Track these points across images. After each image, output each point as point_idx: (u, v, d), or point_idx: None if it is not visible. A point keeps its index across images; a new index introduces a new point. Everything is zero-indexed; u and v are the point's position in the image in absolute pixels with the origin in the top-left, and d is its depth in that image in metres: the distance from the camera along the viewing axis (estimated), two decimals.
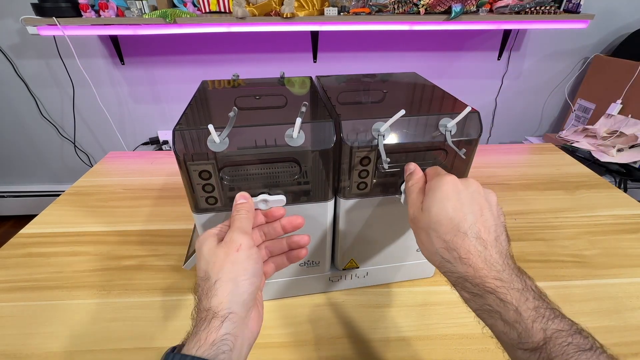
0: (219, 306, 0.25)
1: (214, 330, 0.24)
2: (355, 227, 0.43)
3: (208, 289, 0.26)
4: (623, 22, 1.47)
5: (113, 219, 0.65)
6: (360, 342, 0.43)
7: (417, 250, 0.48)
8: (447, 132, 0.37)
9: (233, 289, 0.26)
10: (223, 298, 0.25)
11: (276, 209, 0.35)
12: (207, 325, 0.24)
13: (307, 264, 0.45)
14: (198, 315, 0.26)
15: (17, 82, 1.46)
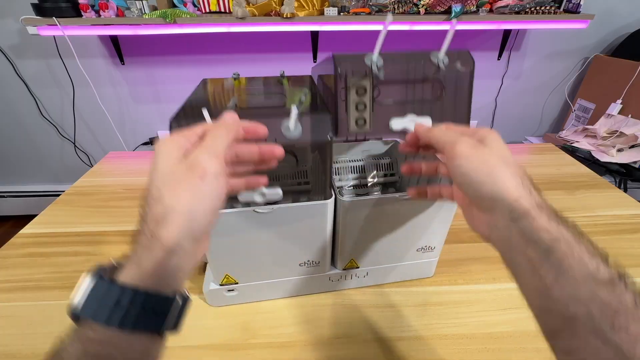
0: (168, 239, 0.22)
1: (159, 264, 0.21)
2: (355, 227, 0.43)
3: (160, 215, 0.22)
4: (623, 22, 1.47)
5: (113, 219, 0.65)
6: (360, 342, 0.43)
7: (418, 250, 0.48)
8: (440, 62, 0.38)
9: (187, 224, 0.22)
10: (174, 232, 0.22)
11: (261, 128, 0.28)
12: (151, 255, 0.21)
13: (307, 264, 0.45)
14: (142, 237, 0.22)
15: (17, 82, 1.46)
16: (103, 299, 0.21)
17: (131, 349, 0.21)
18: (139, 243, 0.22)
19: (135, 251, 0.22)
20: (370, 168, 0.59)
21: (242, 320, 0.46)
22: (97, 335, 0.20)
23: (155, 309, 0.22)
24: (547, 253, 0.22)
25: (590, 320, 0.20)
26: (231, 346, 0.43)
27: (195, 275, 0.52)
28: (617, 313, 0.19)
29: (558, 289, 0.21)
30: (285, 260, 0.44)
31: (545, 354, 0.42)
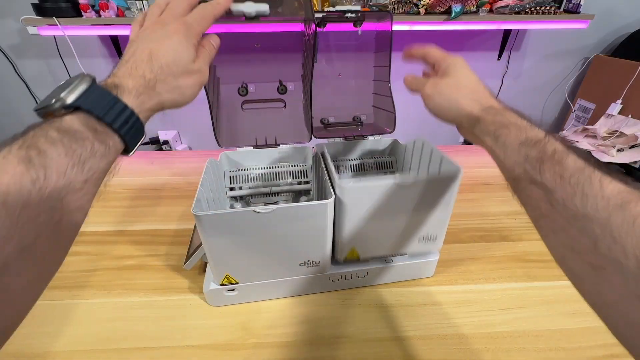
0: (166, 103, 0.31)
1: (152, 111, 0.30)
2: (355, 215, 0.42)
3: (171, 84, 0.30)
4: (623, 22, 1.47)
5: (113, 219, 0.65)
6: (360, 342, 0.43)
7: (419, 240, 0.47)
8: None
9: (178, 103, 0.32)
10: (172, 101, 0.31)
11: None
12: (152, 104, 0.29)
13: (308, 264, 0.45)
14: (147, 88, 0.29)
15: (17, 82, 1.46)
16: (108, 104, 0.26)
17: (114, 149, 0.26)
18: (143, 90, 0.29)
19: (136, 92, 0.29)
20: (370, 167, 0.59)
21: (242, 320, 0.46)
22: (101, 128, 0.25)
23: (139, 136, 0.28)
24: (495, 138, 0.30)
25: (526, 174, 0.27)
26: (231, 346, 0.43)
27: (195, 275, 0.52)
28: (542, 162, 0.26)
29: (507, 160, 0.29)
30: (285, 260, 0.44)
31: (546, 354, 0.42)
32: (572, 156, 0.25)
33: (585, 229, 0.22)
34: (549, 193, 0.25)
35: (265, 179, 0.57)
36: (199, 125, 1.66)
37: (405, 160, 0.56)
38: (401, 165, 0.58)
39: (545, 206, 0.25)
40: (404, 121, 1.72)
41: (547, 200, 0.25)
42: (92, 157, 0.24)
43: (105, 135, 0.25)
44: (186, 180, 0.78)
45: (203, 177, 0.44)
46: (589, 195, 0.22)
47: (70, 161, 0.23)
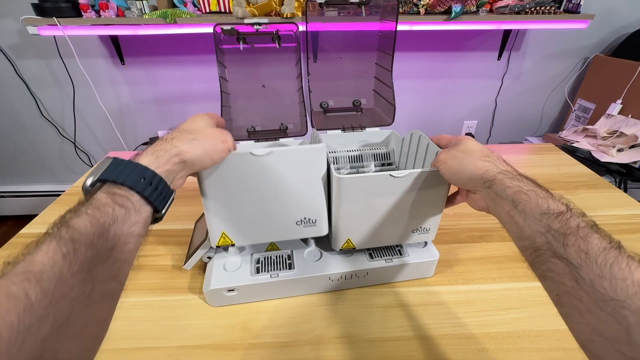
0: (185, 152, 0.31)
1: (171, 163, 0.30)
2: (351, 206, 0.43)
3: (186, 138, 0.32)
4: (623, 22, 1.47)
5: None
6: (360, 342, 0.43)
7: (413, 231, 0.48)
8: None
9: (200, 155, 0.32)
10: (191, 151, 0.32)
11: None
12: (169, 157, 0.30)
13: (304, 223, 0.45)
14: (163, 144, 0.31)
15: (17, 82, 1.46)
16: (129, 170, 0.28)
17: (140, 211, 0.27)
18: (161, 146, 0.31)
19: (153, 150, 0.30)
20: (367, 158, 0.59)
21: (242, 320, 0.46)
22: (123, 192, 0.27)
23: (162, 192, 0.29)
24: (515, 203, 0.30)
25: (549, 245, 0.26)
26: (231, 346, 0.43)
27: (195, 275, 0.52)
28: (565, 235, 0.25)
29: (527, 228, 0.28)
30: (282, 216, 0.45)
31: (546, 354, 0.42)
32: (597, 234, 0.24)
33: (616, 315, 0.20)
34: (575, 269, 0.23)
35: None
36: None
37: (402, 152, 0.57)
38: (398, 157, 0.59)
39: (569, 283, 0.24)
40: (408, 120, 1.72)
41: (572, 277, 0.24)
42: (115, 223, 0.25)
43: (124, 197, 0.27)
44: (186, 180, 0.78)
45: None
46: (617, 279, 0.21)
47: (95, 231, 0.24)
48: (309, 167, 0.41)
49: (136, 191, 0.27)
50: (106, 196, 0.26)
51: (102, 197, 0.26)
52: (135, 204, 0.27)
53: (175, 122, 1.67)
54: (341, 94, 0.64)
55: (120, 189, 0.27)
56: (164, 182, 0.29)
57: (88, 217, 0.24)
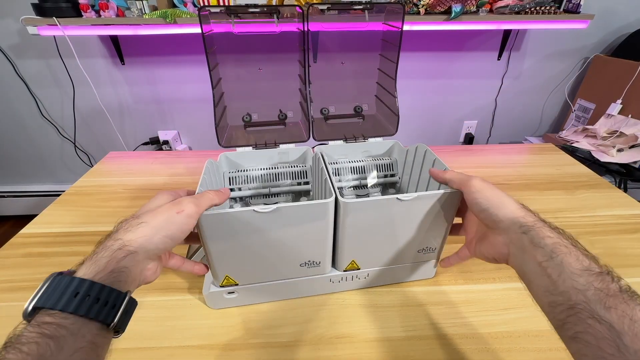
0: (130, 242, 0.27)
1: (114, 261, 0.26)
2: (356, 228, 0.42)
3: (131, 225, 0.29)
4: (623, 22, 1.47)
5: (113, 219, 0.65)
6: (360, 342, 0.43)
7: (418, 251, 0.47)
8: None
9: (150, 237, 0.28)
10: (137, 238, 0.28)
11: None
12: (110, 255, 0.26)
13: (308, 265, 0.45)
14: (102, 244, 0.28)
15: (17, 82, 1.46)
16: (60, 290, 0.24)
17: (80, 334, 0.23)
18: (100, 246, 0.27)
19: (93, 253, 0.27)
20: (370, 168, 0.59)
21: (242, 320, 0.46)
22: (52, 319, 0.23)
23: (107, 301, 0.25)
24: (551, 254, 0.28)
25: (587, 305, 0.24)
26: (231, 346, 0.43)
27: (195, 275, 0.52)
28: (607, 297, 0.23)
29: (561, 283, 0.26)
30: (286, 261, 0.44)
31: (546, 354, 0.42)
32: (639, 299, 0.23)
33: None
34: (616, 335, 0.22)
35: (264, 180, 0.57)
36: (199, 125, 1.66)
37: (407, 165, 0.56)
38: (402, 168, 0.58)
39: (609, 349, 0.22)
40: (407, 121, 1.72)
41: (613, 343, 0.22)
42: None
43: (54, 325, 0.22)
44: (186, 181, 0.78)
45: (202, 177, 0.44)
46: None
47: None
48: (314, 220, 0.40)
49: (69, 312, 0.23)
50: (32, 330, 0.22)
51: (27, 333, 0.22)
52: (71, 328, 0.23)
53: (175, 122, 1.68)
54: (342, 99, 0.63)
55: (51, 315, 0.23)
56: (107, 289, 0.25)
57: None
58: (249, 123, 0.59)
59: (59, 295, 0.23)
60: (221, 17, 0.51)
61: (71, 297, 0.23)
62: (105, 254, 0.26)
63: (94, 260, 0.26)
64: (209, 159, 0.49)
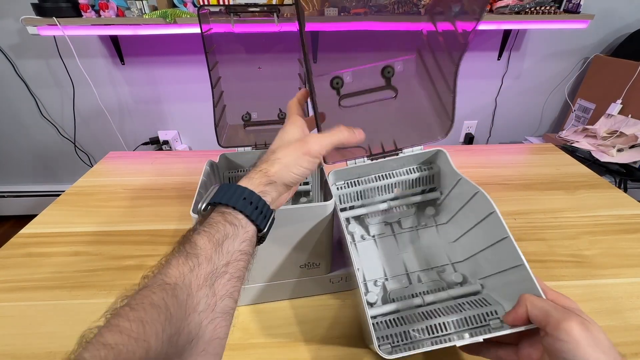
0: (274, 175, 0.32)
1: (263, 184, 0.31)
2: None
3: (269, 158, 0.33)
4: (623, 22, 1.47)
5: (113, 219, 0.65)
6: (360, 342, 0.43)
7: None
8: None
9: (284, 173, 0.32)
10: (275, 172, 0.32)
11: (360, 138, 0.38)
12: (261, 177, 0.31)
13: (308, 266, 0.45)
14: (256, 167, 0.33)
15: (17, 82, 1.46)
16: (231, 192, 0.29)
17: (246, 229, 0.29)
18: (256, 169, 0.32)
19: (251, 173, 0.32)
20: (401, 184, 0.48)
21: (242, 320, 0.46)
22: (230, 211, 0.29)
23: (262, 210, 0.30)
24: None
25: None
26: (231, 346, 0.43)
27: None
28: None
29: None
30: (285, 263, 0.44)
31: None
32: None
33: None
34: None
35: None
36: (199, 125, 1.66)
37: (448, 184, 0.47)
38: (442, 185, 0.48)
39: None
40: None
41: None
42: (227, 239, 0.27)
43: (232, 216, 0.28)
44: (186, 181, 0.78)
45: (202, 179, 0.44)
46: None
47: (212, 246, 0.26)
48: (314, 222, 0.40)
49: (239, 210, 0.29)
50: (217, 215, 0.28)
51: (214, 216, 0.28)
52: (242, 221, 0.29)
53: (175, 122, 1.68)
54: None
55: (227, 209, 0.29)
56: (262, 201, 0.30)
57: (205, 234, 0.26)
58: (249, 122, 0.58)
59: (231, 195, 0.29)
60: (220, 16, 0.51)
61: (240, 198, 0.29)
62: (255, 178, 0.31)
63: (249, 178, 0.31)
64: (208, 159, 0.49)
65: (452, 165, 0.44)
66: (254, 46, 0.56)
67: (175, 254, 0.25)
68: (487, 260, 0.40)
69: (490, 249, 0.39)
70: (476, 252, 0.42)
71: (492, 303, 0.38)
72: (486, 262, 0.41)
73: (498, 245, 0.37)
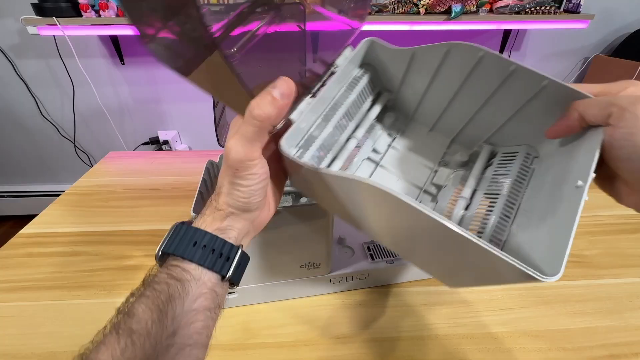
0: (222, 205, 0.26)
1: (218, 220, 0.26)
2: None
3: (217, 190, 0.27)
4: (623, 22, 1.47)
5: (113, 219, 0.65)
6: (360, 342, 0.43)
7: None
8: None
9: (231, 200, 0.26)
10: (226, 201, 0.26)
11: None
12: (213, 213, 0.27)
13: (308, 266, 0.45)
14: (209, 203, 0.28)
15: (17, 82, 1.46)
16: (182, 238, 0.25)
17: (202, 281, 0.24)
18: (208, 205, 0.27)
19: (204, 211, 0.27)
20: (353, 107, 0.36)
21: (242, 320, 0.46)
22: (178, 263, 0.24)
23: (222, 253, 0.25)
24: None
25: None
26: (231, 346, 0.43)
27: None
28: None
29: None
30: (285, 262, 0.44)
31: (546, 354, 0.42)
32: None
33: None
34: None
35: None
36: (199, 125, 1.66)
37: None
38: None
39: None
40: None
41: None
42: (171, 302, 0.22)
43: (179, 269, 0.24)
44: (186, 180, 0.78)
45: (202, 178, 0.44)
46: None
47: (152, 315, 0.21)
48: (314, 221, 0.40)
49: (188, 259, 0.24)
50: (163, 271, 0.24)
51: (159, 274, 0.24)
52: (193, 273, 0.24)
53: (175, 122, 1.68)
54: None
55: (176, 260, 0.24)
56: (220, 240, 0.25)
57: (145, 300, 0.22)
58: None
59: (178, 241, 0.25)
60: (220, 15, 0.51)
61: (190, 245, 0.25)
62: (210, 214, 0.27)
63: (202, 216, 0.27)
64: (208, 159, 0.49)
65: (391, 47, 0.35)
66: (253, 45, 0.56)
67: (110, 329, 0.21)
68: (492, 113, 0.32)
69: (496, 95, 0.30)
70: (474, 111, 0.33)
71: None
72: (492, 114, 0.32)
73: (506, 85, 0.28)
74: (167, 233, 0.27)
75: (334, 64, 0.35)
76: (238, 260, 0.26)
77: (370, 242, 0.52)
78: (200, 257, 0.24)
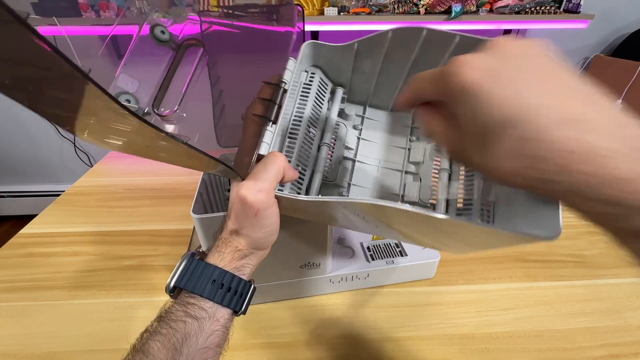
0: (243, 246, 0.28)
1: (237, 260, 0.28)
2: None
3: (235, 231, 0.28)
4: (623, 22, 1.47)
5: (113, 219, 0.65)
6: (360, 342, 0.43)
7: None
8: None
9: (254, 243, 0.28)
10: (245, 243, 0.28)
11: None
12: (233, 253, 0.28)
13: (308, 266, 0.45)
14: (224, 238, 0.28)
15: None
16: (199, 275, 0.26)
17: (216, 318, 0.25)
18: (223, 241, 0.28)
19: (219, 247, 0.28)
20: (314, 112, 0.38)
21: (243, 320, 0.46)
22: (195, 301, 0.25)
23: (237, 290, 0.27)
24: None
25: None
26: (231, 346, 0.42)
27: None
28: None
29: None
30: (285, 262, 0.44)
31: (545, 354, 0.42)
32: None
33: None
34: None
35: None
36: (199, 125, 1.66)
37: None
38: None
39: None
40: None
41: None
42: (187, 340, 0.23)
43: (196, 306, 0.25)
44: (186, 180, 0.78)
45: (202, 178, 0.44)
46: None
47: (167, 354, 0.22)
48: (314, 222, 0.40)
49: (206, 297, 0.25)
50: (179, 307, 0.25)
51: (176, 308, 0.24)
52: (209, 311, 0.25)
53: None
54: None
55: (193, 298, 0.25)
56: (237, 279, 0.27)
57: (161, 338, 0.23)
58: None
59: (196, 279, 0.25)
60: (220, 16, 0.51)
61: (208, 283, 0.25)
62: (229, 252, 0.28)
63: (220, 253, 0.27)
64: None
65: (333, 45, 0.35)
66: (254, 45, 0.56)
67: None
68: None
69: None
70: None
71: None
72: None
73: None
74: (179, 264, 0.27)
75: (282, 81, 0.36)
76: (252, 293, 0.28)
77: (370, 242, 0.52)
78: (217, 296, 0.25)
